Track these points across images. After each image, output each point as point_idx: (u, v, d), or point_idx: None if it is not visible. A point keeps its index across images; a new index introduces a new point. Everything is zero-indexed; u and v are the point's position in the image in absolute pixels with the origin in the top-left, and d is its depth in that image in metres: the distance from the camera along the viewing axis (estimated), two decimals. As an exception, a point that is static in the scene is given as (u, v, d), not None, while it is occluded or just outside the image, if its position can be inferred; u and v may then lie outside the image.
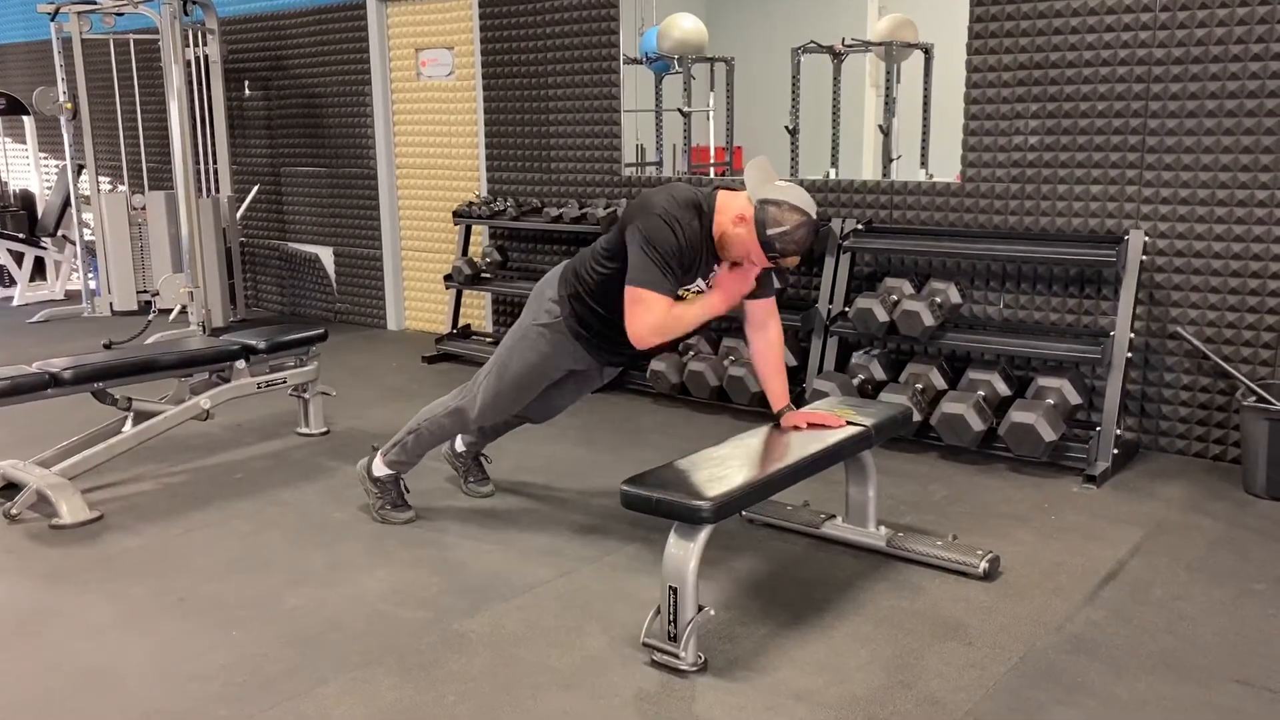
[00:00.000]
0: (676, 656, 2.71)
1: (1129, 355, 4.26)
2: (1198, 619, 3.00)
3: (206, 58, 7.51)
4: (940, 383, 4.61)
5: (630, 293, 3.03)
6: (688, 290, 3.13)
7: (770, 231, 2.94)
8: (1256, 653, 2.81)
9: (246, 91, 8.03)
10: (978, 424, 4.30)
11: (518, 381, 3.47)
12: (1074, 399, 4.34)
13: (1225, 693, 2.62)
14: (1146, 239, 4.32)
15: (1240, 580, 3.26)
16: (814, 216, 2.99)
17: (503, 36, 6.44)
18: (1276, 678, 2.68)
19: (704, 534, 2.68)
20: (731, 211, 3.03)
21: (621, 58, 5.98)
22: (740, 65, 7.74)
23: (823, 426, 3.26)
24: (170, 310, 7.24)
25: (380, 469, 3.75)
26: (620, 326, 3.19)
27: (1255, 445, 3.94)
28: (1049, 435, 4.15)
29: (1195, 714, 2.52)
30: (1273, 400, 3.95)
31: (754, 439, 3.22)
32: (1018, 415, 4.20)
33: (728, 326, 5.32)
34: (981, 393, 4.43)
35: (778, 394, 3.34)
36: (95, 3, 7.39)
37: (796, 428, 3.26)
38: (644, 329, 3.04)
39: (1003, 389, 4.48)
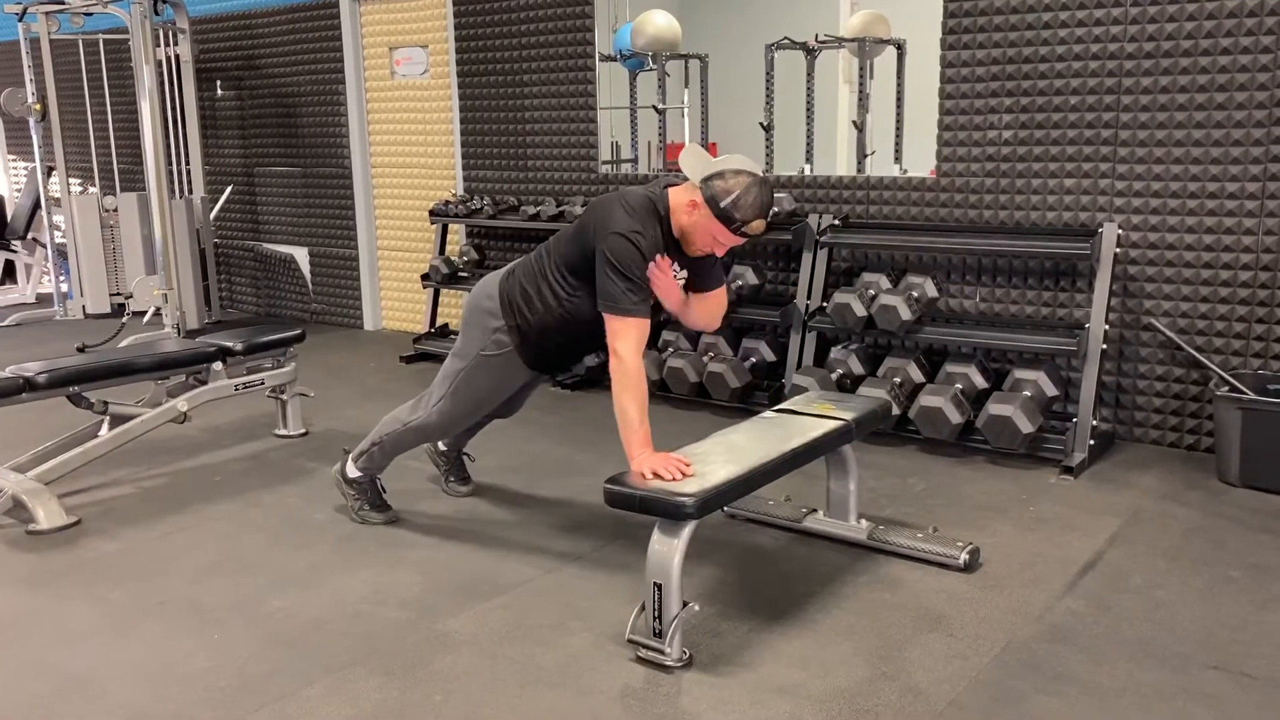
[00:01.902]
0: (662, 652, 2.72)
1: (1104, 347, 4.31)
2: (1175, 607, 3.04)
3: (178, 57, 7.45)
4: (918, 376, 4.64)
5: (611, 322, 3.00)
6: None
7: (724, 203, 2.92)
8: (1233, 639, 2.85)
9: (219, 91, 7.97)
10: (955, 417, 4.33)
11: (476, 403, 3.48)
12: (1050, 391, 4.38)
13: (1203, 679, 2.65)
14: (1120, 232, 4.37)
15: (1216, 568, 3.30)
16: (759, 174, 2.97)
17: (477, 34, 6.42)
18: (1253, 663, 2.72)
19: (688, 530, 2.69)
20: (683, 204, 3.02)
21: (597, 55, 5.98)
22: (714, 62, 7.73)
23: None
24: (144, 313, 7.18)
25: (354, 471, 3.74)
26: (580, 340, 3.20)
27: (1228, 434, 3.99)
28: (1026, 427, 4.18)
29: (1174, 701, 2.55)
30: (1245, 389, 4.00)
31: (735, 435, 3.23)
32: (995, 408, 4.24)
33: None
34: (959, 385, 4.46)
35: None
36: (64, 3, 7.31)
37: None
38: (630, 355, 2.99)
39: (980, 382, 4.52)
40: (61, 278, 8.05)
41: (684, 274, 3.19)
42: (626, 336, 2.98)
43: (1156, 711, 2.51)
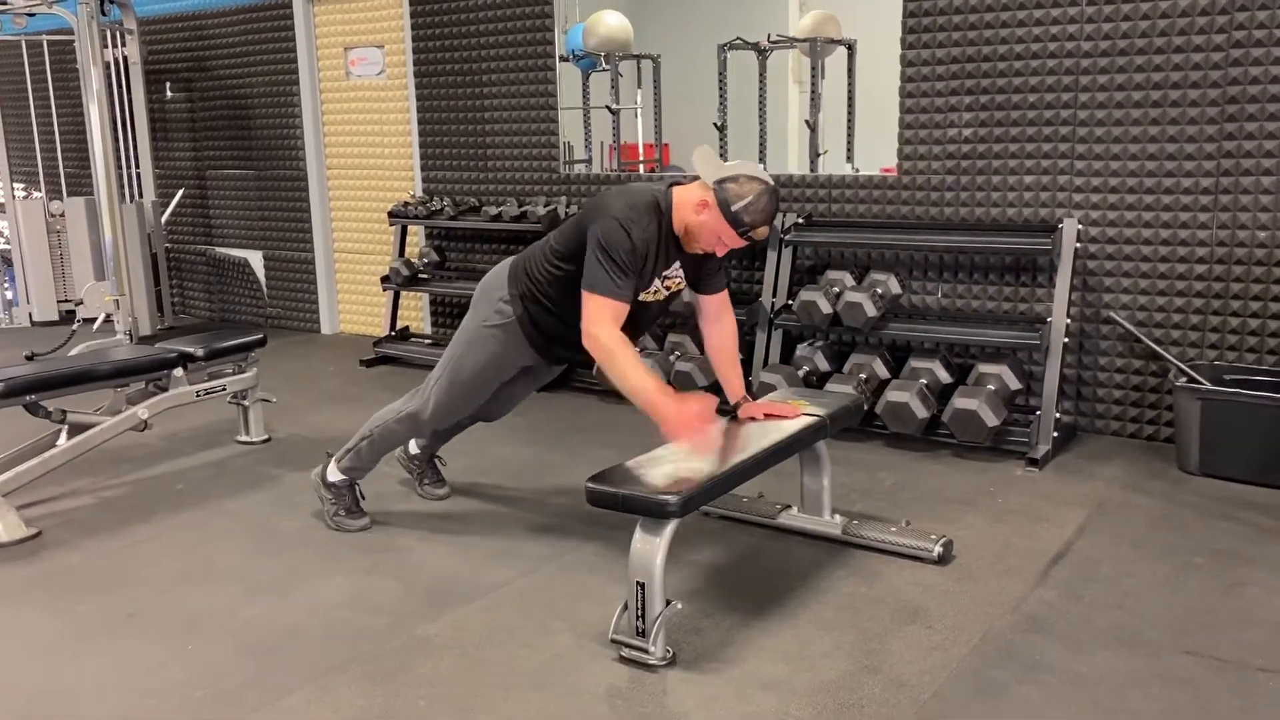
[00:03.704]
0: (646, 651, 2.71)
1: (1065, 340, 4.38)
2: (1145, 594, 3.10)
3: (126, 59, 7.31)
4: (883, 372, 4.68)
5: (588, 302, 3.01)
6: (648, 293, 3.13)
7: (735, 207, 2.96)
8: (1201, 624, 2.91)
9: (168, 93, 7.84)
10: (922, 411, 4.38)
11: (472, 382, 3.44)
12: (1014, 384, 4.44)
13: (1176, 664, 2.70)
14: (1080, 227, 4.44)
15: (1181, 555, 3.37)
16: (770, 183, 3.02)
17: (434, 34, 6.37)
18: (1223, 647, 2.78)
19: (670, 528, 2.69)
20: (691, 202, 3.03)
21: (557, 54, 5.97)
22: (666, 62, 7.74)
23: (779, 417, 3.30)
24: (94, 319, 7.03)
25: (335, 474, 3.68)
26: (573, 325, 3.18)
27: (1188, 424, 4.08)
28: (991, 421, 4.24)
29: (1150, 686, 2.60)
30: (1203, 380, 4.09)
31: (712, 433, 3.23)
32: (960, 402, 4.29)
33: (672, 322, 5.34)
34: (924, 381, 4.51)
35: (734, 386, 3.39)
36: (5, 3, 7.14)
37: (753, 418, 3.30)
38: (604, 334, 2.97)
39: (944, 376, 4.57)
40: (6, 285, 7.87)
41: (679, 274, 3.20)
42: (600, 319, 2.98)
43: (1133, 698, 2.55)
